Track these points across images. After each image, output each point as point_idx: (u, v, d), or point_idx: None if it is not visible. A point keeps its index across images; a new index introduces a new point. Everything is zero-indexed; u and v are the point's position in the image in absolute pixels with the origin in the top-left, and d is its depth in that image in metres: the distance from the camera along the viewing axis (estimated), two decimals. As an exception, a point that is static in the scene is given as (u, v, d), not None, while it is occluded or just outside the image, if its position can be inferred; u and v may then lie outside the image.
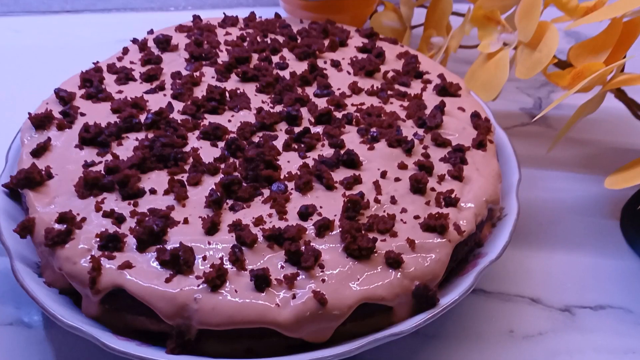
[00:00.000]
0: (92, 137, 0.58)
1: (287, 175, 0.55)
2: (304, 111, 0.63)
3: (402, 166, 0.57)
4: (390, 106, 0.65)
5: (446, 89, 0.66)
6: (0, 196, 0.57)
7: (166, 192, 0.53)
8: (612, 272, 0.62)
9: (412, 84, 0.68)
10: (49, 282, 0.51)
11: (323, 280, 0.47)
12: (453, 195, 0.54)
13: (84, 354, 0.53)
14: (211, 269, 0.46)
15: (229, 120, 0.62)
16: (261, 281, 0.46)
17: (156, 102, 0.63)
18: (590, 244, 0.65)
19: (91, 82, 0.66)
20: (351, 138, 0.60)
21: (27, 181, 0.54)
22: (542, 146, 0.76)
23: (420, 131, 0.61)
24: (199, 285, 0.46)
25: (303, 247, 0.48)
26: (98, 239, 0.49)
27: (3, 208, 0.56)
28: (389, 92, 0.66)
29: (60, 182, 0.55)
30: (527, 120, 0.83)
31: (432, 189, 0.55)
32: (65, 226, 0.50)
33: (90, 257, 0.48)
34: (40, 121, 0.60)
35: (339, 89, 0.66)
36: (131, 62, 0.70)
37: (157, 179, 0.55)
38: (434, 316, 0.48)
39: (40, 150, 0.57)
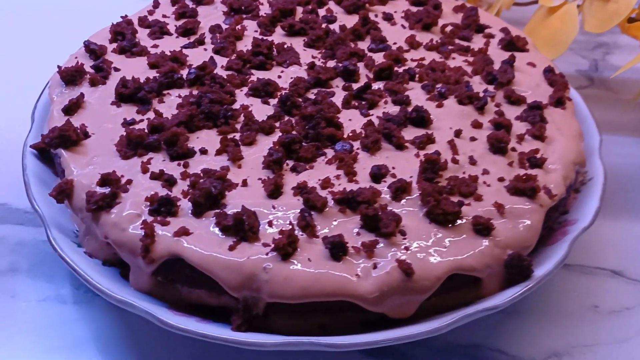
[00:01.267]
0: (130, 93, 0.52)
1: (350, 134, 0.50)
2: (360, 67, 0.57)
3: (477, 125, 0.51)
4: (452, 62, 0.59)
5: (513, 43, 0.61)
6: (29, 159, 0.51)
7: (218, 152, 0.48)
8: (696, 242, 0.57)
9: (473, 38, 0.62)
10: (90, 252, 0.46)
11: (406, 248, 0.41)
12: (539, 156, 0.48)
13: (127, 333, 0.48)
14: (281, 236, 0.41)
15: (279, 77, 0.56)
16: (338, 249, 0.40)
17: (196, 57, 0.57)
18: (670, 212, 0.59)
19: (123, 35, 0.60)
20: (416, 95, 0.54)
21: (62, 140, 0.48)
22: (604, 110, 0.70)
23: (490, 88, 0.55)
24: (267, 254, 0.40)
25: (380, 212, 0.42)
26: (148, 203, 0.43)
27: (33, 171, 0.50)
28: (450, 47, 0.60)
29: (99, 142, 0.49)
30: (584, 82, 0.77)
31: (513, 149, 0.49)
32: (109, 189, 0.44)
33: (141, 222, 0.42)
34: (71, 76, 0.54)
35: (394, 43, 0.60)
36: (164, 16, 0.64)
37: (206, 139, 0.49)
38: (530, 289, 0.43)
39: (72, 107, 0.51)
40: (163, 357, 0.46)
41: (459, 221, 0.43)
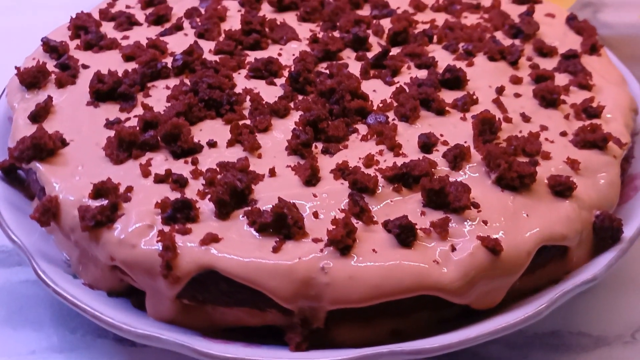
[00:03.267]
0: (109, 90, 0.43)
1: (380, 105, 0.43)
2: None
3: (516, 80, 0.45)
4: (466, 20, 0.53)
5: (526, -5, 0.55)
6: (-7, 182, 0.42)
7: (230, 143, 0.40)
8: None
9: (480, -5, 0.57)
10: (90, 282, 0.37)
11: (485, 223, 0.34)
12: (595, 105, 0.43)
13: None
14: (335, 226, 0.33)
15: (279, 54, 0.48)
16: (407, 233, 0.33)
17: (177, 44, 0.49)
18: None
19: (86, 29, 0.51)
20: (440, 56, 0.47)
21: (36, 150, 0.39)
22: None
23: (517, 42, 0.50)
24: (323, 250, 0.33)
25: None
26: (159, 210, 0.35)
27: (3, 196, 0.41)
28: (459, 6, 0.54)
29: (81, 148, 0.40)
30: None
31: (563, 102, 0.43)
32: (106, 200, 0.35)
33: (157, 233, 0.33)
34: (33, 77, 0.45)
35: (397, 7, 0.54)
36: (127, 7, 0.55)
37: (211, 130, 0.41)
38: (624, 252, 0.36)
39: (40, 113, 0.42)
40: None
41: (534, 184, 0.36)
